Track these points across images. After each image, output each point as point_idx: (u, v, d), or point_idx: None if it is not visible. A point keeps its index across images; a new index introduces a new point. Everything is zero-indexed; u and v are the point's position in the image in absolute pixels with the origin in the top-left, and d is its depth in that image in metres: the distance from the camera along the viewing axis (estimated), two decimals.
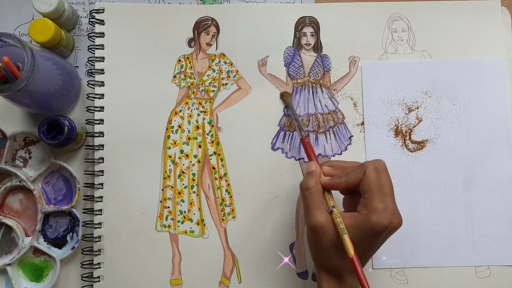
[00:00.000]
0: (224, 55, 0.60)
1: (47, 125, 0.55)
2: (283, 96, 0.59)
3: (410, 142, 0.59)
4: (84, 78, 0.61)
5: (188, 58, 0.60)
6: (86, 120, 0.58)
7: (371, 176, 0.45)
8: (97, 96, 0.59)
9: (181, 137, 0.59)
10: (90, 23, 0.61)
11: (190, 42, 0.60)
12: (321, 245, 0.45)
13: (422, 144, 0.59)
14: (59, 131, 0.55)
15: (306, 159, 0.58)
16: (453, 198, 0.58)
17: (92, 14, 0.60)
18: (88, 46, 0.60)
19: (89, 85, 0.60)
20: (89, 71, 0.60)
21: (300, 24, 0.61)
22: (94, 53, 0.60)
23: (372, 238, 0.44)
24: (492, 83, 0.60)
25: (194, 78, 0.60)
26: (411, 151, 0.59)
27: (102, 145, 0.58)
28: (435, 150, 0.59)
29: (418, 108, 0.60)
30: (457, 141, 0.59)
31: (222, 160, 0.59)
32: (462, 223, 0.58)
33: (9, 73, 0.50)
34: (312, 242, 0.46)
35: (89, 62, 0.60)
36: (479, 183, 0.58)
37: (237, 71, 0.60)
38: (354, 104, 0.60)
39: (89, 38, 0.60)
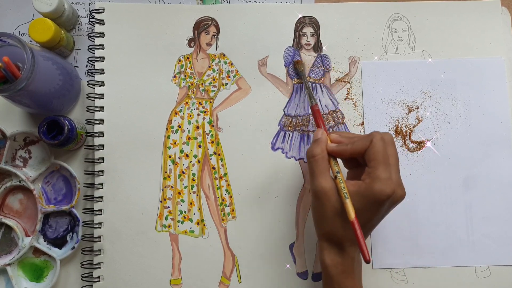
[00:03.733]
0: (224, 55, 0.60)
1: (47, 125, 0.55)
2: (296, 64, 0.59)
3: (410, 142, 0.59)
4: (84, 78, 0.61)
5: (188, 58, 0.60)
6: (86, 120, 0.58)
7: (378, 145, 0.45)
8: (97, 96, 0.59)
9: (181, 137, 0.59)
10: (90, 23, 0.61)
11: (190, 42, 0.60)
12: (324, 212, 0.45)
13: (422, 144, 0.59)
14: (59, 131, 0.55)
15: (306, 159, 0.58)
16: (453, 198, 0.58)
17: (92, 14, 0.60)
18: (88, 46, 0.60)
19: (89, 85, 0.60)
20: (89, 71, 0.60)
21: (300, 24, 0.61)
22: (94, 53, 0.60)
23: (374, 206, 0.44)
24: (492, 83, 0.60)
25: (194, 78, 0.60)
26: (411, 151, 0.59)
27: (102, 145, 0.58)
28: (435, 150, 0.59)
29: (418, 108, 0.60)
30: (457, 141, 0.59)
31: (222, 160, 0.59)
32: (462, 223, 0.58)
33: (9, 73, 0.50)
34: (316, 208, 0.47)
35: (89, 62, 0.60)
36: (479, 183, 0.58)
37: (237, 71, 0.60)
38: (354, 104, 0.60)
39: (89, 38, 0.60)
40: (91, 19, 0.60)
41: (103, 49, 0.60)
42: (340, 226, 0.45)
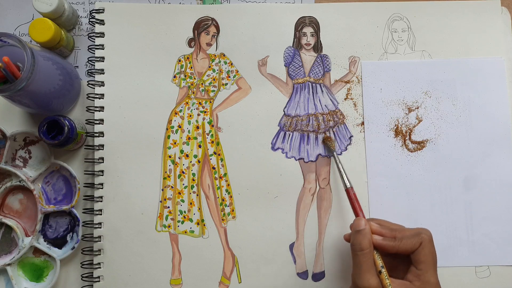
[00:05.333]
0: (224, 55, 0.60)
1: (47, 125, 0.55)
2: (326, 141, 0.58)
3: (410, 142, 0.59)
4: (84, 78, 0.61)
5: (188, 58, 0.60)
6: (88, 120, 0.58)
7: (428, 248, 0.46)
8: (97, 96, 0.59)
9: (181, 137, 0.59)
10: (90, 23, 0.61)
11: (190, 42, 0.60)
12: None
13: (422, 144, 0.59)
14: (59, 131, 0.55)
15: (306, 159, 0.58)
16: (453, 198, 0.58)
17: (92, 14, 0.60)
18: (88, 46, 0.60)
19: (89, 85, 0.60)
20: (89, 71, 0.60)
21: (300, 24, 0.61)
22: (94, 53, 0.60)
23: None
24: (492, 83, 0.60)
25: (194, 78, 0.60)
26: (411, 151, 0.59)
27: (102, 145, 0.58)
28: (435, 150, 0.59)
29: (418, 108, 0.59)
30: (457, 141, 0.59)
31: (222, 160, 0.59)
32: (462, 223, 0.58)
33: (9, 73, 0.50)
34: None
35: (89, 62, 0.60)
36: (479, 183, 0.58)
37: (237, 71, 0.60)
38: (354, 104, 0.60)
39: (89, 38, 0.60)
40: (91, 19, 0.60)
41: (103, 49, 0.60)
42: None
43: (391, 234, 0.48)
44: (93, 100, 0.59)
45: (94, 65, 0.60)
